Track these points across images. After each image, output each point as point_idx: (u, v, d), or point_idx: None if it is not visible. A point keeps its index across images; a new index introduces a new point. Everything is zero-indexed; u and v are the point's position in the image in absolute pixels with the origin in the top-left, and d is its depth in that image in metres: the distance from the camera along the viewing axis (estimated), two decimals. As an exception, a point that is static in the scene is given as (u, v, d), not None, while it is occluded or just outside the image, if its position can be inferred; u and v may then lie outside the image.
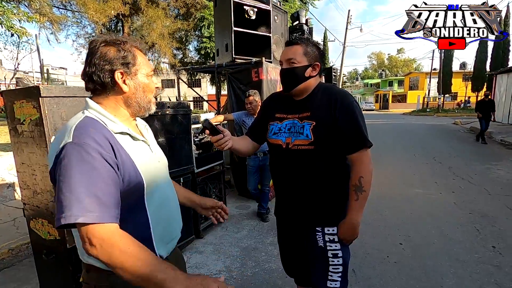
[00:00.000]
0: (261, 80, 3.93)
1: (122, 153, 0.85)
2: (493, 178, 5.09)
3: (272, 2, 4.42)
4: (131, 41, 0.94)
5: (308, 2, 12.30)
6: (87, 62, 0.90)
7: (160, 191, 0.97)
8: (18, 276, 2.50)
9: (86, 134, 0.80)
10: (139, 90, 0.94)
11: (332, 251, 1.35)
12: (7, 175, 4.12)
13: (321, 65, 1.37)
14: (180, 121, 2.71)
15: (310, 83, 1.34)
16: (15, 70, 23.29)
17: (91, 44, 0.91)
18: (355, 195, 1.28)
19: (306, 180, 1.33)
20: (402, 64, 55.17)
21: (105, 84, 0.89)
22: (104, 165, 0.78)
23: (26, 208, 1.95)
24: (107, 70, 0.88)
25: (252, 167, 3.53)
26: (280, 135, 1.37)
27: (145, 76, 0.95)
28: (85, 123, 0.84)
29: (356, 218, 1.29)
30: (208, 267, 2.57)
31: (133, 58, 0.91)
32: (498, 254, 2.66)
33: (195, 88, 9.55)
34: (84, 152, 0.76)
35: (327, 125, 1.28)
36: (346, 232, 1.32)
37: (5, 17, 4.99)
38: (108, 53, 0.88)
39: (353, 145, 1.28)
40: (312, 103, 1.33)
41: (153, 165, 0.97)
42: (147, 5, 10.04)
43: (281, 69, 1.37)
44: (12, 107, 1.78)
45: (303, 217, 1.39)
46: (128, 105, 0.94)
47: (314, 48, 1.35)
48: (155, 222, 0.93)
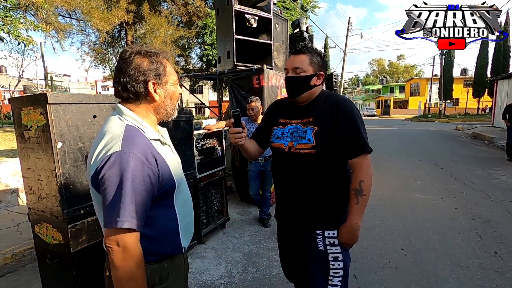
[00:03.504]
0: (262, 87, 3.98)
1: (159, 159, 0.93)
2: (495, 183, 5.08)
3: (273, 11, 4.50)
4: (163, 53, 1.00)
5: (309, 9, 12.46)
6: (120, 71, 0.95)
7: (184, 189, 1.08)
8: (21, 281, 2.52)
9: (134, 144, 0.88)
10: (167, 98, 1.02)
11: (332, 255, 1.36)
12: (11, 180, 4.16)
13: (325, 74, 1.43)
14: (182, 127, 2.75)
15: (314, 91, 1.40)
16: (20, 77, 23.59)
17: (124, 54, 0.96)
18: (355, 199, 1.31)
19: (307, 183, 1.36)
20: (402, 70, 55.35)
21: (138, 94, 0.95)
22: (146, 179, 0.87)
23: (31, 213, 1.98)
24: (141, 81, 0.94)
25: (253, 172, 3.55)
26: (283, 139, 1.41)
27: (173, 85, 1.03)
28: (131, 132, 0.91)
29: (356, 221, 1.31)
30: (209, 272, 2.57)
31: (164, 70, 0.98)
32: (499, 259, 2.66)
33: (197, 95, 9.65)
34: (133, 163, 0.84)
35: (329, 131, 1.32)
36: (346, 235, 1.34)
37: (12, 26, 5.10)
38: (142, 65, 0.94)
39: (354, 150, 1.32)
40: (315, 109, 1.38)
41: (178, 166, 1.07)
42: (150, 13, 10.21)
43: (288, 76, 1.41)
44: (20, 113, 1.82)
45: (304, 220, 1.41)
46: (157, 112, 1.02)
47: (319, 57, 1.40)
48: (181, 217, 1.04)
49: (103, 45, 11.93)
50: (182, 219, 1.04)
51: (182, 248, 1.06)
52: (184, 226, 1.06)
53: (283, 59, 4.97)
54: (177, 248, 1.05)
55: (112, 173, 0.83)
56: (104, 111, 1.90)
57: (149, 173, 0.88)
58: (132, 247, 0.84)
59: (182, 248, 1.06)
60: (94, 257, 1.88)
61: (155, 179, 0.90)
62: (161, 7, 11.46)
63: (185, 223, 1.07)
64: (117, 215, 0.81)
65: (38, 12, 7.39)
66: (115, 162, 0.84)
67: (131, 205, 0.82)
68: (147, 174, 0.87)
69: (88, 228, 1.84)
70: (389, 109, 39.09)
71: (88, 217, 1.85)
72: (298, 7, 11.60)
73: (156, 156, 0.93)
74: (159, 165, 0.92)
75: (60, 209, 1.74)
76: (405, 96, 40.83)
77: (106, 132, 0.91)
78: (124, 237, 0.83)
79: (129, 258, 0.83)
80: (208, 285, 2.40)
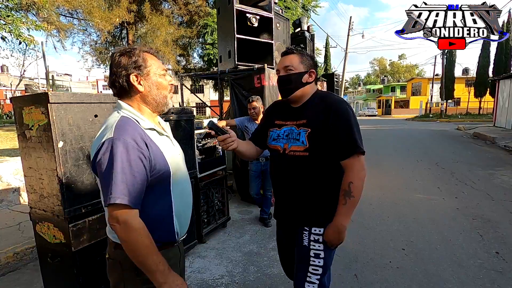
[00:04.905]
0: (263, 86, 3.98)
1: (152, 146, 1.01)
2: (496, 183, 5.06)
3: (274, 10, 4.49)
4: (140, 46, 1.07)
5: (310, 9, 12.44)
6: (109, 72, 1.06)
7: (182, 180, 1.13)
8: (22, 279, 2.53)
9: (124, 131, 0.95)
10: (153, 88, 1.07)
11: (314, 251, 1.37)
12: (12, 180, 4.18)
13: (316, 73, 1.43)
14: (183, 126, 2.76)
15: (307, 90, 1.40)
16: (21, 77, 23.66)
17: (111, 57, 1.07)
18: (343, 200, 1.30)
19: (299, 184, 1.39)
20: (404, 70, 55.23)
21: (124, 88, 1.04)
22: (137, 161, 0.94)
23: (32, 212, 1.99)
24: (124, 75, 1.03)
25: (254, 172, 3.55)
26: (279, 141, 1.43)
27: (157, 75, 1.08)
28: (123, 121, 0.99)
29: (342, 222, 1.30)
30: (210, 272, 2.58)
31: (143, 61, 1.05)
32: (501, 260, 2.65)
33: (198, 94, 9.64)
34: (122, 147, 0.92)
35: (322, 132, 1.32)
36: (332, 234, 1.33)
37: (14, 26, 5.11)
38: (122, 61, 1.03)
39: (345, 151, 1.30)
40: (308, 111, 1.38)
41: (176, 157, 1.12)
42: (151, 13, 10.22)
43: (279, 76, 1.42)
44: (21, 113, 1.83)
45: (294, 216, 1.44)
46: (146, 103, 1.08)
47: (309, 57, 1.42)
48: (177, 206, 1.09)
49: (104, 45, 11.94)
50: (177, 208, 1.09)
51: (176, 235, 1.09)
52: (179, 215, 1.10)
53: (284, 58, 4.96)
54: (170, 234, 1.08)
55: (105, 158, 0.92)
56: (105, 110, 1.91)
57: (139, 156, 0.94)
58: (132, 222, 0.91)
59: (176, 235, 1.09)
60: (95, 256, 1.88)
61: (147, 162, 0.97)
62: (162, 7, 11.48)
63: (181, 213, 1.11)
64: (110, 193, 0.89)
65: (39, 11, 7.40)
66: (107, 147, 0.92)
67: (122, 184, 0.90)
68: (137, 156, 0.94)
69: (89, 227, 1.85)
70: (390, 109, 39.05)
71: (89, 216, 1.86)
72: (299, 6, 11.59)
73: (149, 142, 1.00)
74: (151, 150, 0.99)
75: (61, 208, 1.74)
76: (406, 95, 40.74)
77: (104, 124, 1.02)
78: (122, 213, 0.90)
79: (133, 232, 0.91)
80: (209, 284, 2.40)
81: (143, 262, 0.93)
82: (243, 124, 3.56)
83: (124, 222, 0.90)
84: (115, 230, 0.92)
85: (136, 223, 0.92)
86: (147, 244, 0.93)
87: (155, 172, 1.00)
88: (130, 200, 0.90)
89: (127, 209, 0.90)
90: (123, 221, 0.90)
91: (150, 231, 1.00)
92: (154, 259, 0.94)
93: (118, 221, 0.90)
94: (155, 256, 0.94)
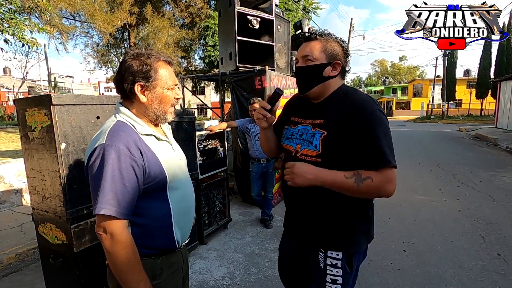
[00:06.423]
0: (264, 88, 3.99)
1: (147, 153, 0.97)
2: (498, 185, 5.05)
3: (275, 12, 4.51)
4: (158, 54, 1.03)
5: (311, 11, 12.46)
6: (118, 70, 1.03)
7: (182, 186, 1.09)
8: (24, 280, 2.54)
9: (118, 137, 0.93)
10: (155, 102, 1.03)
11: (331, 276, 1.20)
12: (15, 181, 4.20)
13: (344, 64, 1.17)
14: (185, 128, 2.77)
15: (329, 84, 1.16)
16: (24, 79, 23.80)
17: (125, 55, 1.03)
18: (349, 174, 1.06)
19: (310, 195, 1.19)
20: (405, 72, 55.17)
21: (127, 93, 1.01)
22: (128, 169, 0.91)
23: (34, 213, 2.00)
24: (130, 81, 0.99)
25: (255, 173, 3.56)
26: (292, 140, 1.24)
27: (165, 89, 1.03)
28: (118, 126, 0.96)
29: (321, 175, 1.07)
30: (211, 273, 2.58)
31: (154, 72, 1.00)
32: (503, 261, 2.64)
33: (199, 96, 9.68)
34: (114, 154, 0.89)
35: (340, 137, 1.09)
36: (297, 168, 1.10)
37: (17, 28, 5.15)
38: (132, 66, 0.99)
39: (369, 164, 1.06)
40: (328, 109, 1.16)
41: (175, 162, 1.09)
42: (153, 15, 10.26)
43: (296, 67, 1.21)
44: (24, 114, 1.85)
45: (305, 235, 1.28)
46: (146, 114, 1.04)
47: (336, 44, 1.16)
48: (176, 213, 1.05)
49: (106, 47, 12.00)
50: (176, 215, 1.05)
51: (176, 243, 1.07)
52: (179, 221, 1.07)
53: (285, 60, 4.98)
54: (170, 242, 1.06)
55: (95, 164, 0.90)
56: (107, 112, 1.92)
57: (131, 164, 0.91)
58: (119, 233, 0.89)
59: (176, 243, 1.07)
60: (97, 257, 1.89)
61: (139, 170, 0.94)
62: (164, 9, 11.52)
63: (181, 220, 1.08)
64: (96, 202, 0.87)
65: (42, 14, 7.46)
66: (99, 153, 0.90)
67: (110, 193, 0.87)
68: (129, 164, 0.91)
69: (91, 228, 1.86)
70: (391, 110, 38.93)
71: (91, 217, 1.86)
72: (300, 8, 11.62)
73: (144, 149, 0.97)
74: (146, 158, 0.96)
75: (63, 209, 1.76)
76: (407, 97, 40.66)
77: (100, 129, 1.00)
78: (109, 224, 0.88)
79: (118, 244, 0.88)
80: (210, 285, 2.40)
81: (124, 278, 0.90)
82: (244, 126, 3.57)
83: (110, 233, 0.88)
84: (101, 240, 0.89)
85: (122, 236, 0.89)
86: (130, 259, 0.90)
87: (150, 179, 0.97)
88: (117, 211, 0.88)
89: (114, 219, 0.88)
90: (110, 232, 0.88)
91: (149, 239, 0.98)
92: (135, 277, 0.90)
93: (105, 231, 0.88)
94: (136, 274, 0.91)
